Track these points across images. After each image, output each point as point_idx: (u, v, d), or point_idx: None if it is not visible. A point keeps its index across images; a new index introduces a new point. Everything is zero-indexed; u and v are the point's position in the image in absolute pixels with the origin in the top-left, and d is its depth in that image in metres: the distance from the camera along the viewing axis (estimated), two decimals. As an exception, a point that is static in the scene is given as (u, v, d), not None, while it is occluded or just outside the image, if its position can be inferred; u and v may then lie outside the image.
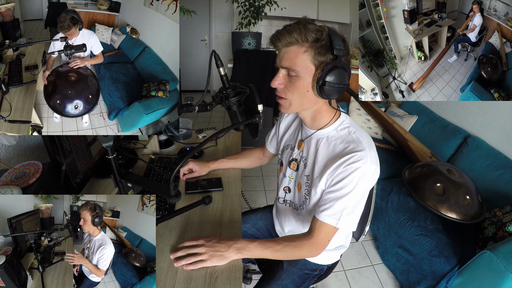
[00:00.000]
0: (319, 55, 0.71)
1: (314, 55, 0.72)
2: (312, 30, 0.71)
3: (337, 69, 0.71)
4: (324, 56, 0.72)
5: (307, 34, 0.70)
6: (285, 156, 0.99)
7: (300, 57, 0.72)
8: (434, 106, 2.37)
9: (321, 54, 0.71)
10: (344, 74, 0.72)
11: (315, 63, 0.72)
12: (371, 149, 0.78)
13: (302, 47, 0.72)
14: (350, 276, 1.68)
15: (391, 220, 1.71)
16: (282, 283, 0.96)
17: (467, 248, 1.43)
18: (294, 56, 0.73)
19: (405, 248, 1.58)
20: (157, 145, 1.37)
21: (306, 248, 0.81)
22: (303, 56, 0.72)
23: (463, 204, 1.51)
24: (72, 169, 0.98)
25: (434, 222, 1.56)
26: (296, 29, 0.71)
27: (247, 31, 3.35)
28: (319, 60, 0.72)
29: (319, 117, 0.83)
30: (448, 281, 1.33)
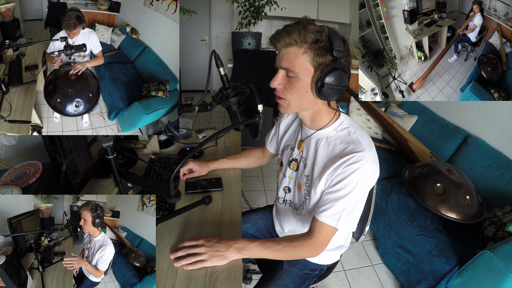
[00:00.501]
0: (318, 57, 0.71)
1: (313, 56, 0.71)
2: (312, 31, 0.70)
3: (336, 71, 0.70)
4: (323, 58, 0.71)
5: (306, 35, 0.70)
6: (285, 156, 0.99)
7: (299, 58, 0.72)
8: (434, 106, 2.37)
9: (320, 56, 0.71)
10: (343, 76, 0.72)
11: (314, 65, 0.72)
12: (370, 149, 0.78)
13: (301, 48, 0.72)
14: (350, 276, 1.68)
15: (391, 220, 1.71)
16: (282, 283, 0.96)
17: (467, 248, 1.43)
18: (293, 57, 0.72)
19: (405, 248, 1.58)
20: (157, 145, 1.37)
21: (306, 249, 0.81)
22: (302, 57, 0.72)
23: (463, 204, 1.51)
24: (72, 169, 0.98)
25: (434, 222, 1.56)
26: (295, 29, 0.71)
27: (247, 31, 3.35)
28: (318, 61, 0.72)
29: (319, 118, 0.83)
30: (448, 281, 1.33)
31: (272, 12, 3.40)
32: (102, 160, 1.23)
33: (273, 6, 3.32)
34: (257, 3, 3.27)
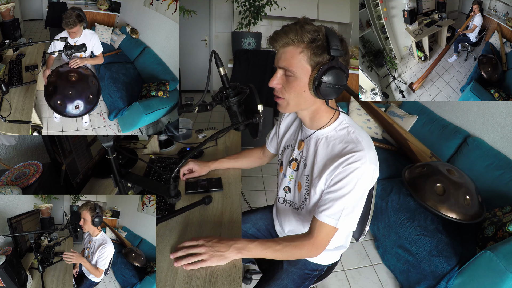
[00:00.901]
0: (315, 56, 0.72)
1: (310, 55, 0.72)
2: (309, 31, 0.71)
3: (333, 70, 0.71)
4: (320, 57, 0.72)
5: (303, 34, 0.71)
6: (285, 156, 0.99)
7: (296, 57, 0.73)
8: (434, 106, 2.37)
9: (317, 55, 0.72)
10: (340, 75, 0.72)
11: (312, 64, 0.73)
12: (370, 149, 0.78)
13: (298, 47, 0.72)
14: (350, 276, 1.68)
15: (391, 220, 1.71)
16: (282, 283, 0.96)
17: (467, 248, 1.43)
18: (291, 56, 0.73)
19: (405, 248, 1.58)
20: (157, 145, 1.37)
21: (306, 248, 0.81)
22: (299, 57, 0.72)
23: (463, 204, 1.51)
24: (72, 169, 0.98)
25: (434, 222, 1.56)
26: (292, 29, 0.72)
27: (247, 31, 3.35)
28: (315, 60, 0.72)
29: (318, 117, 0.83)
30: (448, 281, 1.33)
31: (272, 12, 3.40)
32: (102, 160, 1.23)
33: (273, 6, 3.32)
34: (257, 3, 3.27)
